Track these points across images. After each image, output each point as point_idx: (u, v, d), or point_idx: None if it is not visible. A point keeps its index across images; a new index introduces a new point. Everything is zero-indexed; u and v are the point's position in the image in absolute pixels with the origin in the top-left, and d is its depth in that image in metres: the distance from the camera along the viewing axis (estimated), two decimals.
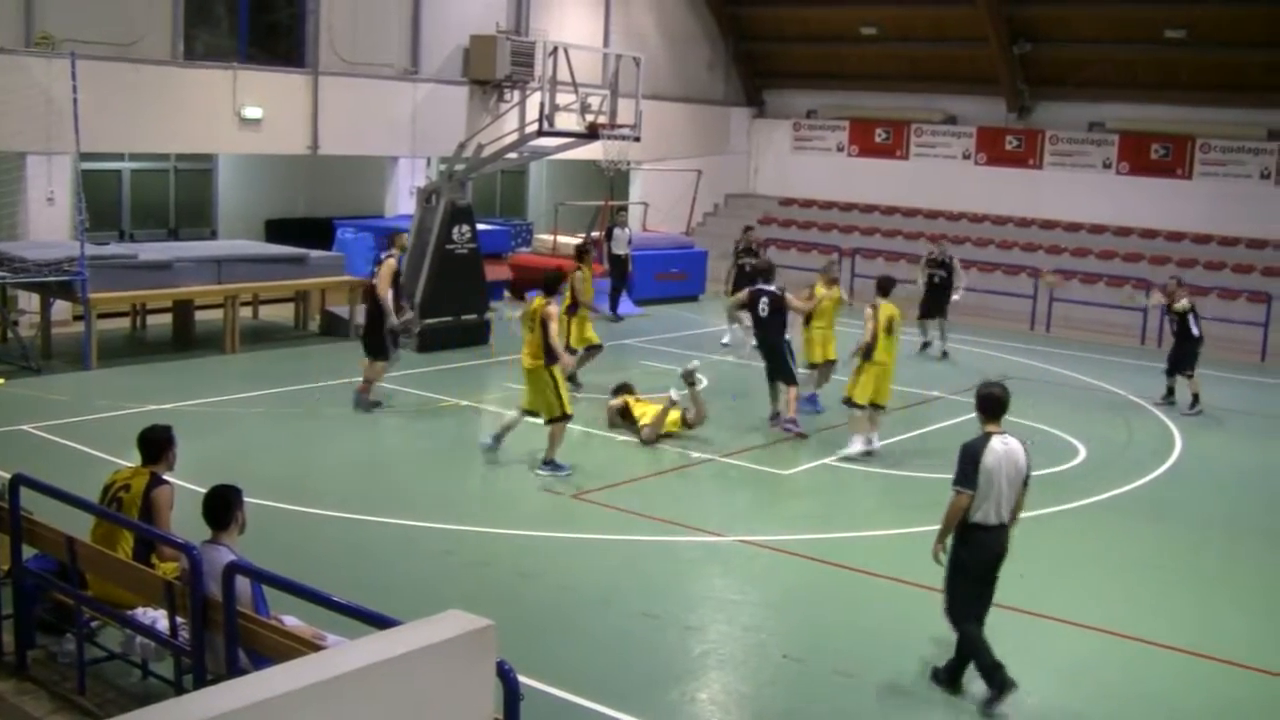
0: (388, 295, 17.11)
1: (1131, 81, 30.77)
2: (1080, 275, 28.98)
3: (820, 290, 18.28)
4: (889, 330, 15.95)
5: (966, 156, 33.33)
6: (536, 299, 14.72)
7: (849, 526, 13.28)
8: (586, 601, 10.86)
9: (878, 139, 34.62)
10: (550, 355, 14.47)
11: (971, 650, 9.25)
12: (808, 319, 18.28)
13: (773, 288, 17.25)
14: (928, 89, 33.78)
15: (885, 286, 16.49)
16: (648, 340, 23.24)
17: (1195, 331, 19.69)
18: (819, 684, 9.53)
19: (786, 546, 12.54)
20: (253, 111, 23.49)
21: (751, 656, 9.97)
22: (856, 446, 15.81)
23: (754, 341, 17.97)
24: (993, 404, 9.37)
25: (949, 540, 9.26)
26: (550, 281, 15.03)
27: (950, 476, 9.26)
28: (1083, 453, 16.93)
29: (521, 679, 5.94)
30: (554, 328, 14.50)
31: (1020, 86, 32.24)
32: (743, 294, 18.02)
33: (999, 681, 9.06)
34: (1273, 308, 25.59)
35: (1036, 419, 18.66)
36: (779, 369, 17.17)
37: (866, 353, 15.90)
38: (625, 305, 26.18)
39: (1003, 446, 9.17)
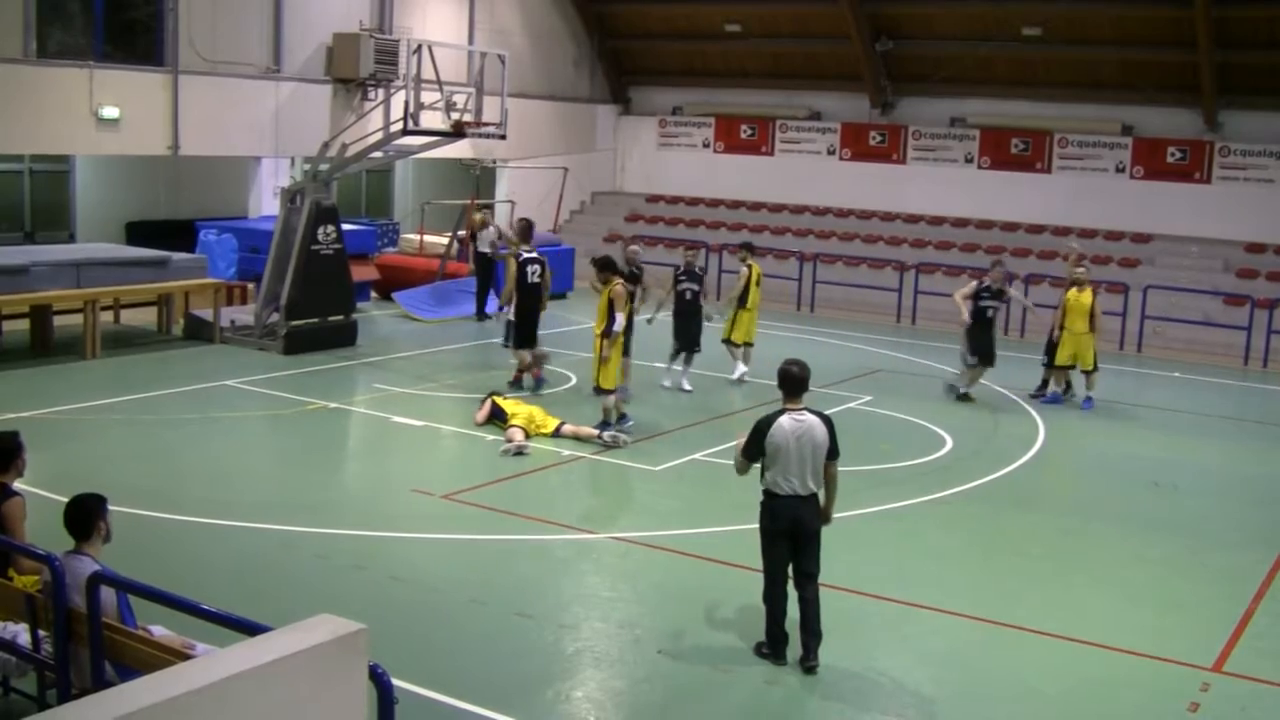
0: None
1: (991, 78, 31.30)
2: (944, 268, 29.44)
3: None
4: (758, 282, 20.47)
5: (831, 152, 33.68)
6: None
7: (720, 521, 13.33)
8: (460, 602, 10.80)
9: (743, 135, 34.84)
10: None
11: (767, 609, 9.81)
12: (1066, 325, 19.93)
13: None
14: (792, 86, 34.06)
15: (751, 248, 21.01)
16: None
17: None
18: (695, 678, 9.57)
19: (658, 542, 12.58)
20: (110, 111, 23.00)
21: (626, 653, 9.98)
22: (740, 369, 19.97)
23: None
24: (790, 381, 9.88)
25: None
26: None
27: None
28: (950, 443, 17.20)
29: (395, 682, 5.90)
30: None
31: (883, 83, 32.66)
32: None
33: (775, 647, 9.81)
34: (1129, 297, 26.19)
35: (905, 411, 18.95)
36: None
37: (742, 301, 20.24)
38: (492, 304, 26.07)
39: (793, 423, 9.63)
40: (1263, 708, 9.70)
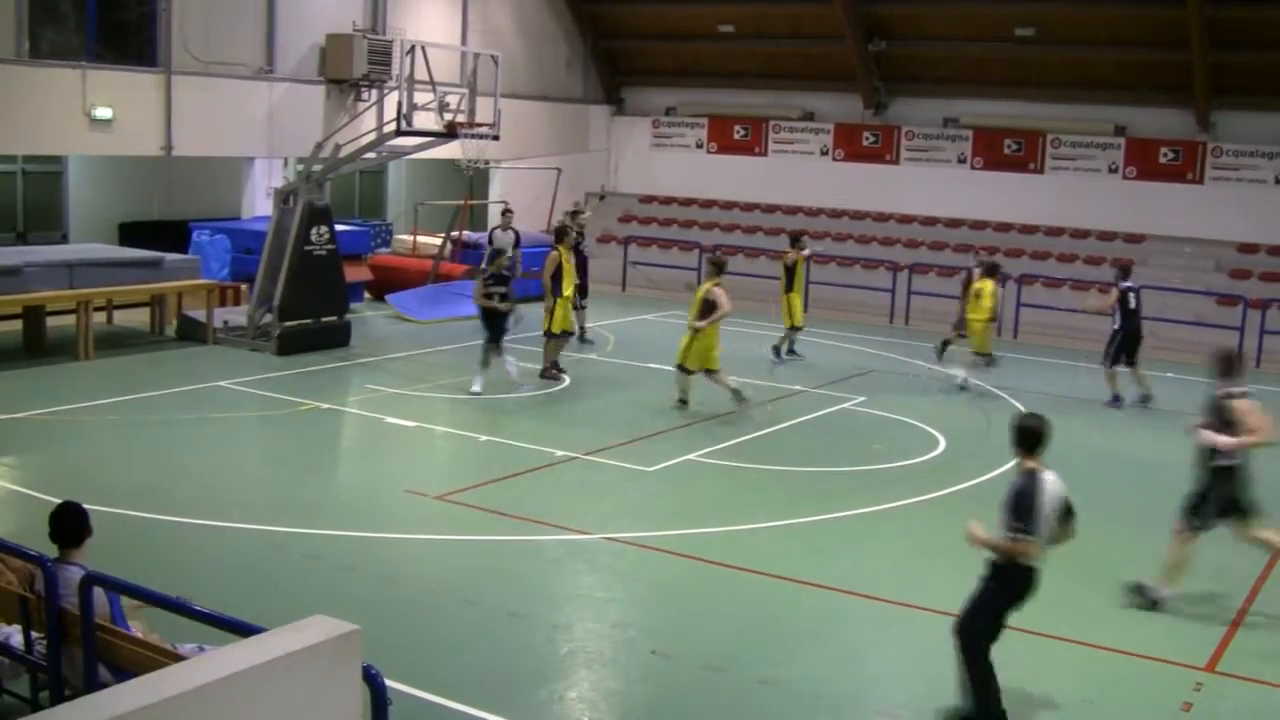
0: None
1: (984, 79, 31.32)
2: (937, 269, 29.46)
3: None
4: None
5: (824, 153, 33.68)
6: None
7: (714, 521, 13.34)
8: (453, 603, 10.80)
9: (736, 136, 34.84)
10: None
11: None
12: None
13: None
14: (785, 86, 34.06)
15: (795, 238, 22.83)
16: (508, 339, 23.18)
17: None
18: (688, 679, 9.56)
19: (652, 543, 12.58)
20: (103, 112, 22.97)
21: (620, 653, 9.98)
22: None
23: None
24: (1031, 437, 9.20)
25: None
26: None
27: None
28: (943, 443, 17.21)
29: (389, 683, 5.90)
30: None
31: (876, 84, 32.67)
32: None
33: None
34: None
35: (898, 411, 18.95)
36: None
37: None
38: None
39: (1052, 485, 9.02)
40: (1255, 707, 9.73)
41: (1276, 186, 28.48)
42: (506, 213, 26.20)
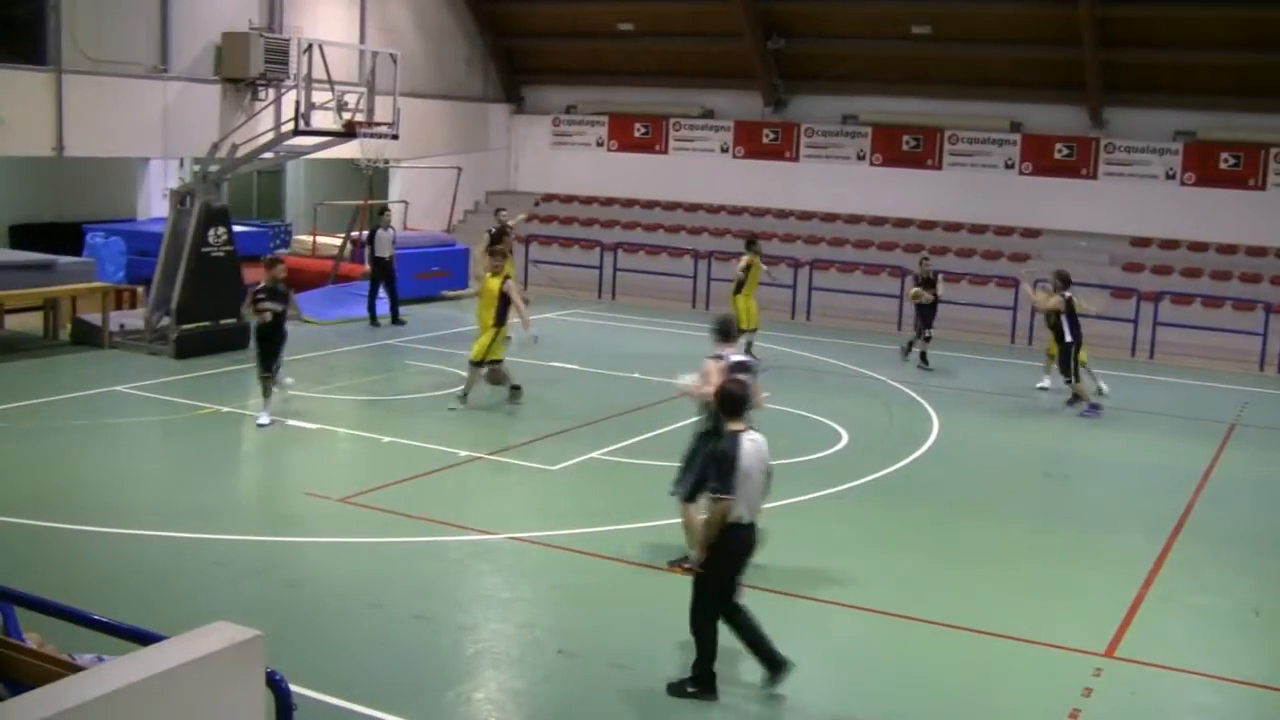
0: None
1: (882, 76, 31.59)
2: (838, 265, 29.69)
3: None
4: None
5: (724, 150, 33.81)
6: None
7: (618, 520, 13.35)
8: (358, 606, 10.73)
9: (637, 134, 34.89)
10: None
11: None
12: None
13: None
14: (685, 84, 34.16)
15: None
16: (410, 340, 23.06)
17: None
18: (595, 677, 9.57)
19: (557, 542, 12.58)
20: None
21: (527, 653, 9.96)
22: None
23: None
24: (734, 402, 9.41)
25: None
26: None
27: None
28: (845, 438, 17.34)
29: (294, 688, 5.84)
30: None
31: (775, 81, 32.85)
32: None
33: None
34: (1020, 292, 26.53)
35: (802, 407, 19.07)
36: None
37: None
38: (381, 307, 25.79)
39: (752, 444, 9.21)
40: (1152, 691, 9.90)
41: (1167, 181, 29.07)
42: (384, 212, 26.11)
